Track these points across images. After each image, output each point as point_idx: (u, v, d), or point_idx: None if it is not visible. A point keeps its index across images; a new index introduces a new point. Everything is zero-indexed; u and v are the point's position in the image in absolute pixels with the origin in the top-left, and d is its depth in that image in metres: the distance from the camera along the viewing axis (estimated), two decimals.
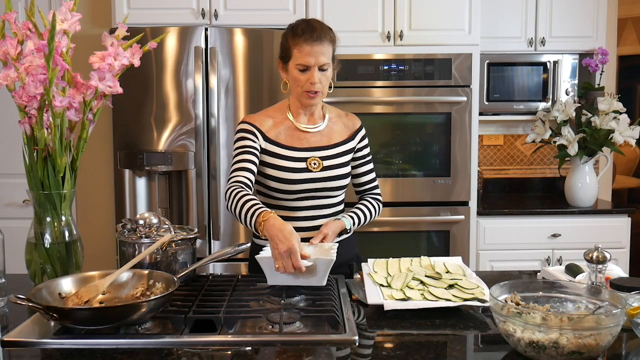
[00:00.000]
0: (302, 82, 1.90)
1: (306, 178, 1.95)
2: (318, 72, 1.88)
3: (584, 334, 1.19)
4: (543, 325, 1.20)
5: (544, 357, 1.21)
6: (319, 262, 1.54)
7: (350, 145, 2.05)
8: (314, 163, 1.96)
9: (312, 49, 1.87)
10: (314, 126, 2.02)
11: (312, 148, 1.99)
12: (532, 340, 1.21)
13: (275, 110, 2.05)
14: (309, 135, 2.00)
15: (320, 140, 2.01)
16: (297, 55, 1.89)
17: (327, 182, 1.97)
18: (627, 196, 5.70)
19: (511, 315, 1.24)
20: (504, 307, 1.26)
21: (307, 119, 2.02)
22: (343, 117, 2.10)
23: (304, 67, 1.89)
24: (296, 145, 1.98)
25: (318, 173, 1.96)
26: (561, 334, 1.19)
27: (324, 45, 1.88)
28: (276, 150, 1.97)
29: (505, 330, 1.26)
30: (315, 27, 1.90)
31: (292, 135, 1.99)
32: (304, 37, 1.88)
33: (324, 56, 1.88)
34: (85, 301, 1.40)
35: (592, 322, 1.22)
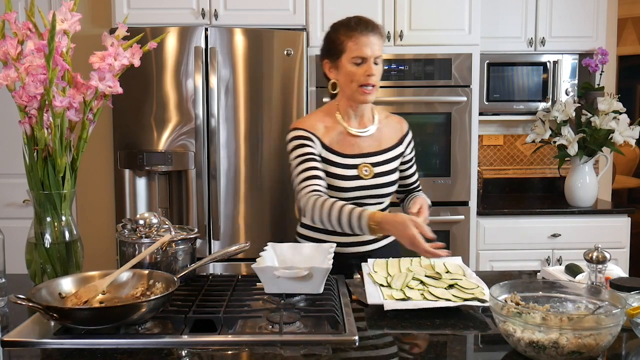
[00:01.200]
0: (358, 76, 1.86)
1: (358, 185, 1.93)
2: (373, 65, 1.86)
3: (584, 334, 1.18)
4: (543, 325, 1.20)
5: (544, 357, 1.21)
6: (315, 271, 1.55)
7: (399, 151, 2.03)
8: (365, 170, 1.93)
9: (368, 39, 1.86)
10: (364, 130, 1.97)
11: (363, 154, 1.95)
12: (532, 340, 1.21)
13: (324, 114, 1.99)
14: (360, 140, 1.96)
15: (370, 145, 1.97)
16: (352, 48, 1.86)
17: (378, 189, 1.95)
18: (627, 196, 5.70)
19: (511, 315, 1.24)
20: (504, 307, 1.26)
21: (357, 122, 1.98)
22: (392, 120, 2.06)
23: (360, 59, 1.86)
24: (348, 152, 1.94)
25: (369, 180, 1.93)
26: (561, 334, 1.18)
27: (377, 37, 1.88)
28: (330, 158, 1.92)
29: (505, 330, 1.26)
30: (369, 20, 1.91)
31: (344, 140, 1.94)
32: (359, 29, 1.87)
33: (379, 48, 1.87)
34: (84, 301, 1.40)
35: (592, 322, 1.22)
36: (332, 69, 1.95)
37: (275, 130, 3.06)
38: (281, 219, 3.09)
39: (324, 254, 1.74)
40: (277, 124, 3.06)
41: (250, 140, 3.06)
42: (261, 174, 3.07)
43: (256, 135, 3.06)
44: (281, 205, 3.08)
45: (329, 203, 1.79)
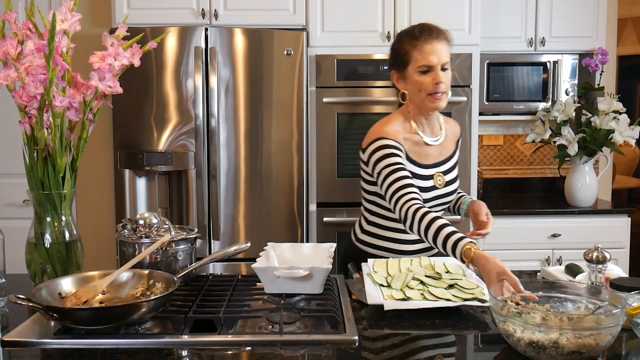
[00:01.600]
0: (426, 85, 1.84)
1: (434, 196, 1.93)
2: (441, 72, 1.84)
3: (584, 333, 1.19)
4: (543, 325, 1.20)
5: (544, 357, 1.21)
6: (315, 271, 1.55)
7: (457, 155, 2.04)
8: (439, 179, 1.93)
9: (432, 47, 1.83)
10: (436, 138, 1.97)
11: (435, 164, 1.95)
12: (532, 340, 1.21)
13: (400, 125, 1.93)
14: (432, 149, 1.96)
15: (439, 154, 1.97)
16: (417, 57, 1.84)
17: (447, 198, 1.97)
18: (627, 196, 5.70)
19: (511, 315, 1.24)
20: (503, 307, 1.26)
21: (429, 130, 1.96)
22: (449, 124, 2.06)
23: (426, 68, 1.84)
24: (424, 162, 1.93)
25: (443, 189, 1.94)
26: (561, 334, 1.19)
27: (443, 44, 1.85)
28: (413, 169, 1.89)
29: (505, 330, 1.26)
30: (433, 27, 1.87)
31: (420, 150, 1.93)
32: (423, 37, 1.84)
33: (446, 55, 1.85)
34: (84, 301, 1.40)
35: (592, 322, 1.22)
36: (400, 80, 1.92)
37: (275, 130, 3.06)
38: (281, 219, 3.09)
39: (324, 254, 1.74)
40: (277, 124, 3.06)
41: (250, 140, 3.06)
42: (261, 174, 3.07)
43: (256, 135, 3.06)
44: (281, 205, 3.08)
45: (430, 217, 1.71)
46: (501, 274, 1.45)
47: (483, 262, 1.53)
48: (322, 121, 3.17)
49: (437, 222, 1.68)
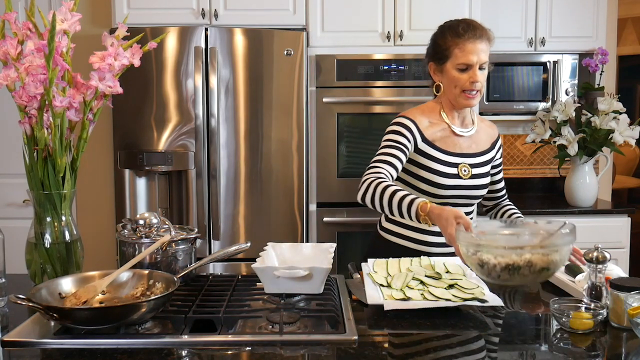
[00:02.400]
0: (462, 82, 1.89)
1: (456, 184, 1.95)
2: (478, 71, 1.88)
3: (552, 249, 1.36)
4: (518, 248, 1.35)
5: (517, 279, 1.36)
6: (315, 271, 1.55)
7: (491, 155, 2.06)
8: (464, 170, 1.95)
9: (474, 47, 1.87)
10: (467, 130, 2.01)
11: (463, 154, 1.98)
12: (507, 263, 1.34)
13: (429, 110, 2.00)
14: (461, 140, 1.99)
15: (469, 146, 2.00)
16: (458, 55, 1.88)
17: (472, 190, 1.98)
18: (627, 196, 5.71)
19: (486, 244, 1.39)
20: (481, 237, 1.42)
21: (460, 122, 2.01)
22: (485, 124, 2.10)
23: (465, 66, 1.88)
24: (450, 150, 1.96)
25: (467, 180, 1.96)
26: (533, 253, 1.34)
27: (484, 43, 1.89)
28: (432, 153, 1.94)
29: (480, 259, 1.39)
30: (477, 26, 1.90)
31: (447, 138, 1.97)
32: (467, 36, 1.88)
33: (485, 54, 1.89)
34: (83, 302, 1.40)
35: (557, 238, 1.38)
36: (437, 72, 1.97)
37: (275, 130, 3.06)
38: (281, 219, 3.09)
39: (324, 254, 1.74)
40: (277, 124, 3.06)
41: (250, 140, 3.06)
42: (261, 174, 3.07)
43: (256, 135, 3.06)
44: (281, 205, 3.08)
45: (384, 184, 1.78)
46: (457, 217, 1.58)
47: (438, 210, 1.64)
48: (322, 121, 3.17)
49: (391, 188, 1.76)
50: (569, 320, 1.40)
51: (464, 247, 1.46)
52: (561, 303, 1.47)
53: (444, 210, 1.63)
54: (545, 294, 1.69)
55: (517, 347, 1.33)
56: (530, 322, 1.49)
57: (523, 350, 1.32)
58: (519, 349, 1.33)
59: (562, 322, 1.42)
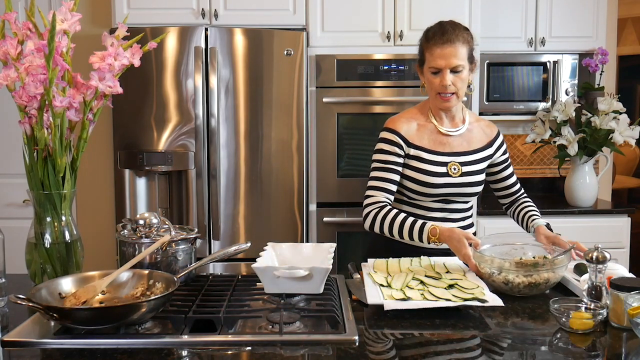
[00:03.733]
0: (435, 85, 1.94)
1: (445, 182, 1.98)
2: (450, 75, 1.91)
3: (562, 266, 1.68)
4: (537, 270, 1.64)
5: (534, 292, 1.65)
6: (315, 271, 1.55)
7: (487, 153, 2.08)
8: (454, 168, 1.99)
9: (442, 51, 1.90)
10: (455, 129, 2.04)
11: (453, 153, 2.02)
12: (530, 282, 1.63)
13: (418, 112, 2.08)
14: (451, 139, 2.03)
15: (460, 144, 2.03)
16: (429, 59, 1.94)
17: (464, 188, 2.00)
18: (627, 196, 5.70)
19: (513, 268, 1.64)
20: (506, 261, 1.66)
21: (448, 121, 2.05)
22: (482, 123, 2.12)
23: (436, 70, 1.93)
24: (439, 150, 2.01)
25: (457, 178, 1.99)
26: (548, 271, 1.65)
27: (456, 47, 1.91)
28: (420, 155, 2.00)
29: (506, 279, 1.64)
30: (446, 30, 1.93)
31: (435, 139, 2.02)
32: (434, 40, 1.93)
33: (456, 58, 1.90)
34: (83, 302, 1.40)
35: (552, 263, 1.65)
36: (420, 75, 2.04)
37: (275, 130, 3.06)
38: (281, 219, 3.09)
39: (324, 254, 1.74)
40: (277, 124, 3.06)
41: (250, 140, 3.06)
42: (261, 174, 3.07)
43: (256, 135, 3.06)
44: (281, 205, 3.08)
45: (391, 215, 1.92)
46: (468, 238, 1.77)
47: (449, 233, 1.82)
48: (322, 121, 3.17)
49: (398, 218, 1.91)
50: (569, 320, 1.40)
51: (488, 268, 1.67)
52: (561, 303, 1.47)
53: (454, 232, 1.80)
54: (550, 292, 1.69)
55: (517, 347, 1.33)
56: (530, 322, 1.49)
57: (523, 350, 1.32)
58: (519, 349, 1.33)
59: (562, 322, 1.42)
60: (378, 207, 1.95)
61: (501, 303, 1.51)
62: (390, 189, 1.99)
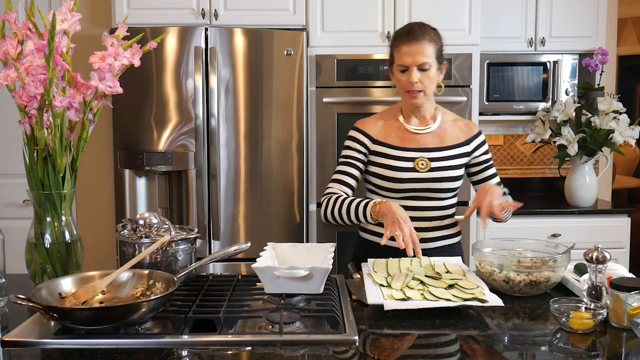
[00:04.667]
0: (402, 83, 1.98)
1: (412, 177, 2.00)
2: (417, 72, 1.94)
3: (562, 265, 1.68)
4: (537, 269, 1.65)
5: (534, 291, 1.66)
6: (315, 271, 1.55)
7: (464, 150, 2.07)
8: (421, 163, 2.00)
9: (408, 49, 1.94)
10: (424, 127, 2.06)
11: (422, 149, 2.03)
12: (531, 280, 1.64)
13: (389, 112, 2.13)
14: (419, 137, 2.05)
15: (431, 141, 2.05)
16: (397, 57, 1.97)
17: (434, 183, 2.01)
18: (627, 196, 5.70)
19: (512, 267, 1.67)
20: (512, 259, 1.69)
21: (418, 120, 2.08)
22: (460, 123, 2.13)
23: (403, 68, 1.96)
24: (406, 146, 2.04)
25: (425, 173, 2.00)
26: (549, 270, 1.66)
27: (422, 45, 1.93)
28: (385, 151, 2.03)
29: (507, 276, 1.66)
30: (412, 28, 1.97)
31: (402, 136, 2.05)
32: (400, 39, 1.96)
33: (422, 56, 1.93)
34: (82, 302, 1.40)
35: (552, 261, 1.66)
36: (391, 75, 2.07)
37: (275, 130, 3.06)
38: (281, 219, 3.09)
39: (324, 254, 1.75)
40: (277, 124, 3.06)
41: (250, 140, 3.06)
42: (261, 174, 3.07)
43: (256, 135, 3.06)
44: (281, 205, 3.08)
45: (342, 198, 1.96)
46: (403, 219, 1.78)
47: (388, 205, 1.83)
48: (322, 121, 3.17)
49: (346, 200, 1.95)
50: (569, 320, 1.40)
51: (489, 267, 1.70)
52: (561, 303, 1.47)
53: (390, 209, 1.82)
54: (550, 292, 1.69)
55: (517, 347, 1.33)
56: (530, 322, 1.49)
57: (523, 350, 1.32)
58: (519, 349, 1.33)
59: (562, 322, 1.42)
60: (331, 196, 1.99)
61: (501, 303, 1.51)
62: (347, 182, 2.03)
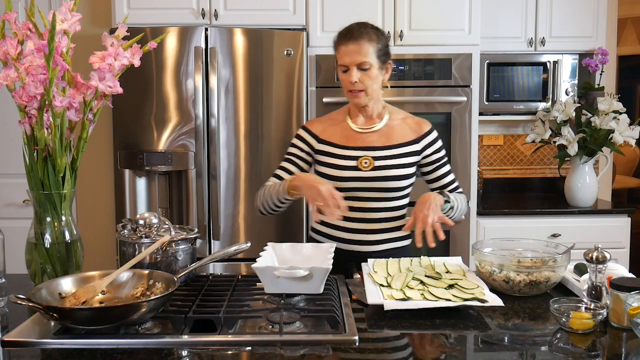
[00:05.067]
0: (344, 83, 1.99)
1: (355, 176, 1.99)
2: (357, 72, 1.94)
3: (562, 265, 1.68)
4: (537, 269, 1.65)
5: (534, 291, 1.66)
6: (315, 271, 1.55)
7: (413, 148, 2.05)
8: (365, 162, 1.99)
9: (347, 49, 1.94)
10: (369, 127, 2.05)
11: (366, 147, 2.02)
12: (532, 280, 1.63)
13: (338, 113, 2.14)
14: (365, 136, 2.05)
15: (377, 140, 2.04)
16: (337, 57, 1.98)
17: (378, 182, 1.99)
18: (627, 196, 5.70)
19: (513, 267, 1.67)
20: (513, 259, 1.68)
21: (364, 120, 2.07)
22: (410, 121, 2.11)
23: (344, 68, 1.96)
24: (350, 144, 2.03)
25: (368, 172, 1.99)
26: (549, 270, 1.66)
27: (360, 44, 1.93)
28: (329, 150, 2.04)
29: (507, 276, 1.66)
30: (351, 28, 1.97)
31: (348, 135, 2.05)
32: (339, 39, 1.98)
33: (361, 55, 1.93)
34: (83, 302, 1.40)
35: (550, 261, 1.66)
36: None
37: (275, 130, 3.06)
38: (282, 219, 3.08)
39: (324, 254, 1.74)
40: (277, 124, 3.06)
41: (250, 140, 3.06)
42: (261, 174, 3.07)
43: (256, 135, 3.06)
44: None
45: (268, 185, 2.02)
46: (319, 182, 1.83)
47: (300, 177, 1.91)
48: None
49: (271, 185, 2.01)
50: (569, 320, 1.40)
51: (489, 267, 1.70)
52: (561, 303, 1.47)
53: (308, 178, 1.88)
54: (550, 292, 1.69)
55: (517, 347, 1.33)
56: (530, 322, 1.49)
57: (523, 350, 1.32)
58: (519, 349, 1.33)
59: (562, 322, 1.42)
60: (263, 188, 2.05)
61: (501, 303, 1.51)
62: (282, 177, 2.06)
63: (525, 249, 1.86)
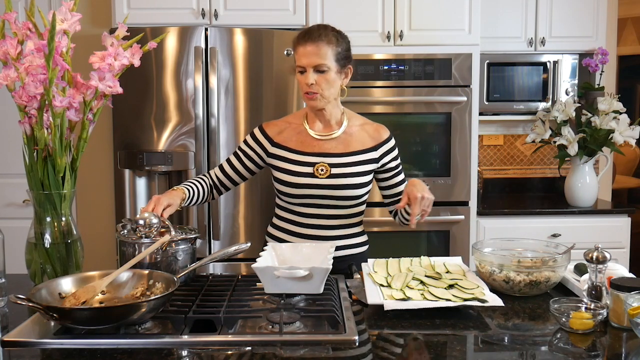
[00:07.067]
0: (301, 84, 1.93)
1: (311, 183, 1.94)
2: (314, 74, 1.88)
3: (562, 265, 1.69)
4: (537, 269, 1.66)
5: (534, 291, 1.67)
6: (315, 271, 1.54)
7: (371, 156, 2.00)
8: (321, 169, 1.94)
9: (304, 50, 1.89)
10: (327, 134, 2.00)
11: (323, 154, 1.97)
12: (532, 280, 1.64)
13: (295, 116, 2.09)
14: (322, 142, 1.99)
15: (335, 147, 1.98)
16: (296, 58, 1.92)
17: (334, 190, 1.94)
18: (627, 196, 5.70)
19: (514, 267, 1.67)
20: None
21: (322, 125, 2.01)
22: (368, 127, 2.05)
23: (301, 69, 1.91)
24: (306, 150, 1.98)
25: (324, 180, 1.94)
26: (549, 270, 1.66)
27: (318, 46, 1.87)
28: (284, 154, 1.99)
29: (507, 276, 1.66)
30: (311, 29, 1.92)
31: (304, 140, 1.99)
32: (298, 40, 1.92)
33: (318, 57, 1.87)
34: (83, 302, 1.40)
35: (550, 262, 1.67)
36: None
37: None
38: None
39: (324, 254, 1.74)
40: None
41: None
42: (261, 173, 3.06)
43: None
44: None
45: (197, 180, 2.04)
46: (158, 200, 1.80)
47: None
48: None
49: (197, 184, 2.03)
50: (569, 320, 1.40)
51: (489, 267, 1.70)
52: (561, 303, 1.47)
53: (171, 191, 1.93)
54: (550, 292, 1.69)
55: (517, 347, 1.33)
56: (530, 322, 1.49)
57: (523, 350, 1.32)
58: (519, 349, 1.33)
59: (562, 322, 1.42)
60: None
61: (501, 303, 1.51)
62: (224, 168, 2.07)
63: (525, 249, 1.86)
